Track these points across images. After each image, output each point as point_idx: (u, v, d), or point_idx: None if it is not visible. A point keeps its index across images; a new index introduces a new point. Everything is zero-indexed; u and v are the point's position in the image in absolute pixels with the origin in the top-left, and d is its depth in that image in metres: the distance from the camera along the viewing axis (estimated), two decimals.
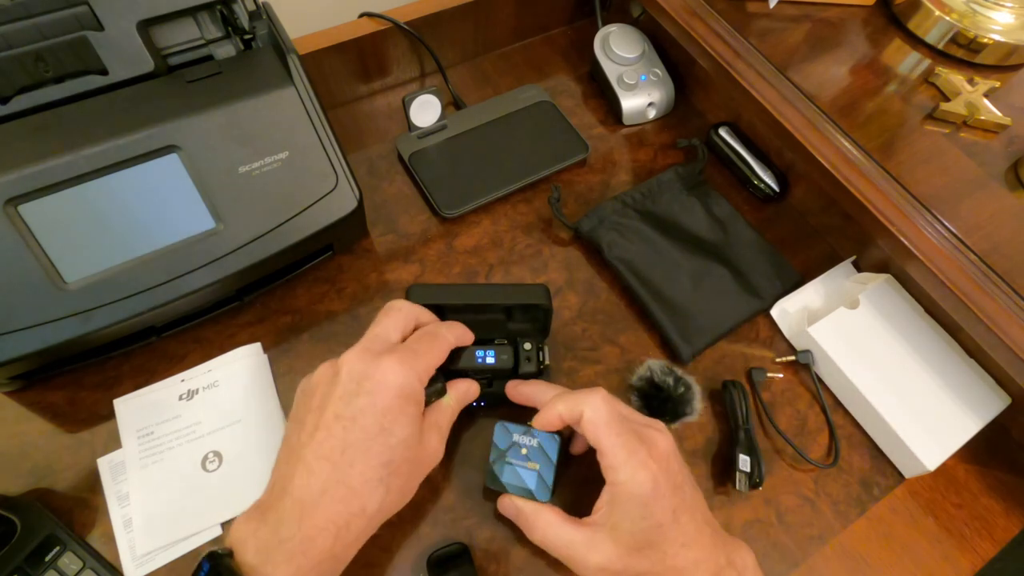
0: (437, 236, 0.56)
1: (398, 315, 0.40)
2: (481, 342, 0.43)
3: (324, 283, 0.53)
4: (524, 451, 0.40)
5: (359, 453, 0.34)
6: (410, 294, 0.43)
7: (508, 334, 0.45)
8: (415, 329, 0.41)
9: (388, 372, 0.35)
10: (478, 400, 0.45)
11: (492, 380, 0.44)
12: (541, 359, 0.45)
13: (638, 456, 0.35)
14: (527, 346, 0.44)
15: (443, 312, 0.44)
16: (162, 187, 0.41)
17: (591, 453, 0.38)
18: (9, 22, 0.39)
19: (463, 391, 0.42)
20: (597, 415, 0.36)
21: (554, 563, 0.42)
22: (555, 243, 0.57)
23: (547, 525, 0.38)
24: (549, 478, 0.40)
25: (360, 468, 0.34)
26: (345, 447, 0.34)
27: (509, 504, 0.41)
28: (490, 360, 0.43)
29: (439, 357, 0.39)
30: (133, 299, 0.41)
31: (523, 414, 0.42)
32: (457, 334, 0.41)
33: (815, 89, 0.54)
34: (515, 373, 0.44)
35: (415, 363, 0.37)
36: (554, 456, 0.40)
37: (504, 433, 0.41)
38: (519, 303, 0.44)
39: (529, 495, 0.40)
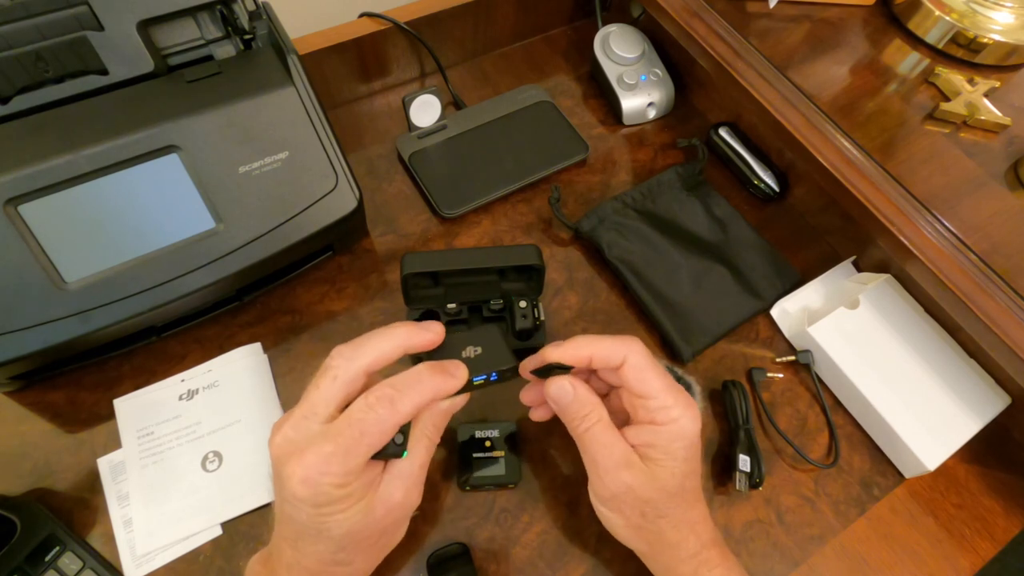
0: (437, 236, 0.56)
1: (331, 385, 0.32)
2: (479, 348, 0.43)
3: (324, 283, 0.53)
4: (488, 443, 0.42)
5: (308, 544, 0.33)
6: (405, 263, 0.43)
7: (503, 294, 0.46)
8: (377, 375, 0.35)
9: (296, 486, 0.30)
10: (488, 375, 0.44)
11: None
12: (536, 315, 0.45)
13: (685, 397, 0.36)
14: (522, 304, 0.45)
15: (439, 278, 0.44)
16: (162, 187, 0.41)
17: (550, 424, 0.39)
18: (9, 22, 0.39)
19: (425, 435, 0.35)
20: (644, 360, 0.37)
21: (553, 564, 0.42)
22: (555, 243, 0.57)
23: (595, 423, 0.36)
24: (516, 460, 0.42)
25: (313, 555, 0.33)
26: (296, 537, 0.33)
27: (557, 389, 0.37)
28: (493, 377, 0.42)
29: (371, 444, 0.32)
30: (133, 299, 0.41)
31: (484, 411, 0.43)
32: (419, 392, 0.33)
33: (815, 89, 0.54)
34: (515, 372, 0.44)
35: (326, 468, 0.30)
36: (516, 439, 0.41)
37: (465, 433, 0.43)
38: (513, 265, 0.45)
39: (504, 480, 0.42)
